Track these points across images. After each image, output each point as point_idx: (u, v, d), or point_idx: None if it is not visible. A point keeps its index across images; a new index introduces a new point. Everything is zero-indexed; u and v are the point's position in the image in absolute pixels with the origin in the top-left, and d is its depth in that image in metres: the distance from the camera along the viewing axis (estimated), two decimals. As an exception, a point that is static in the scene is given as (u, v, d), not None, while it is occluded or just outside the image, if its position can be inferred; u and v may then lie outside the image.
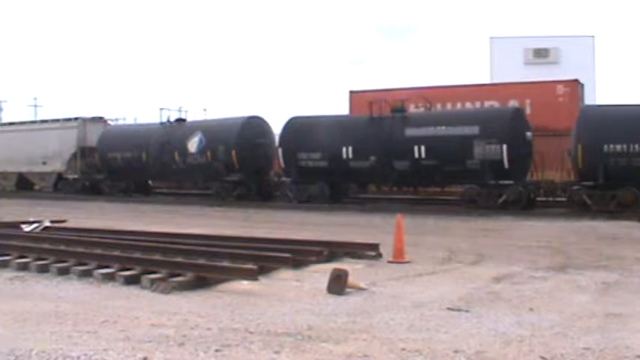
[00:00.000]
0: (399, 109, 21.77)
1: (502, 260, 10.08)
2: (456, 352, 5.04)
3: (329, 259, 9.72)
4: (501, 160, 19.42)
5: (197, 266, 8.36)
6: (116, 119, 32.25)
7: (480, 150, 19.64)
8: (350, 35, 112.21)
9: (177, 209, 22.30)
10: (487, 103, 22.18)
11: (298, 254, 9.42)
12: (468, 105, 23.78)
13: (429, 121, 21.24)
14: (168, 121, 27.06)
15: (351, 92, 27.27)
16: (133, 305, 6.93)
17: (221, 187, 24.81)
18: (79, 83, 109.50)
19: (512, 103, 22.87)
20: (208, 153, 24.87)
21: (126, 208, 22.52)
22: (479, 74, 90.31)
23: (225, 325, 5.91)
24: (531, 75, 39.58)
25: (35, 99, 67.44)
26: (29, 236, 11.91)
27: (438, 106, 23.93)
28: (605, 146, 18.11)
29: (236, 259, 8.94)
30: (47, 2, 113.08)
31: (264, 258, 9.02)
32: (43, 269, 9.07)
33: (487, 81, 41.85)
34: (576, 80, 23.76)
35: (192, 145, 25.33)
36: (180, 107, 28.04)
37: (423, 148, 20.50)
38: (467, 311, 6.50)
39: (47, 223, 13.72)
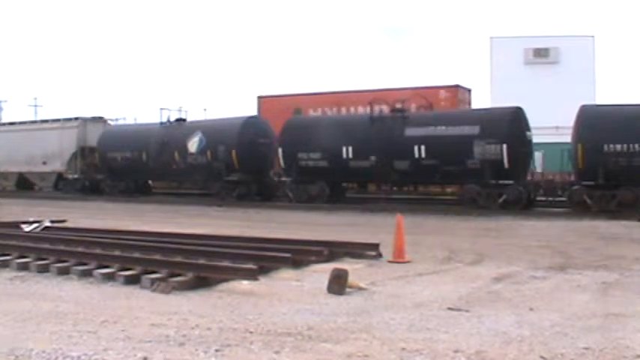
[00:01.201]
0: (400, 110, 21.79)
1: (502, 260, 10.08)
2: (456, 351, 5.04)
3: (329, 258, 9.71)
4: (501, 160, 19.43)
5: (197, 266, 8.35)
6: (116, 119, 32.31)
7: (480, 150, 19.64)
8: (351, 35, 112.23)
9: (177, 209, 22.30)
10: (377, 108, 23.73)
11: (298, 254, 9.41)
12: (360, 109, 25.37)
13: (429, 120, 21.25)
14: (169, 121, 27.06)
15: (259, 97, 29.38)
16: (133, 305, 6.93)
17: (221, 187, 24.81)
18: (79, 83, 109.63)
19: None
20: (208, 153, 24.86)
21: (126, 208, 22.52)
22: (479, 74, 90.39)
23: (225, 325, 5.91)
24: (532, 75, 39.70)
25: (35, 99, 67.64)
26: (29, 236, 11.90)
27: (335, 110, 26.68)
28: (605, 146, 18.13)
29: (236, 259, 8.94)
30: (47, 2, 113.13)
31: (264, 258, 9.01)
32: (43, 269, 9.06)
33: (487, 82, 42.21)
34: (457, 85, 25.66)
35: (193, 145, 25.32)
36: (180, 107, 28.07)
37: (423, 147, 20.51)
38: (467, 311, 6.50)
39: (47, 223, 13.72)
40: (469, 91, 26.84)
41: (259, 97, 29.50)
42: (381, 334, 5.61)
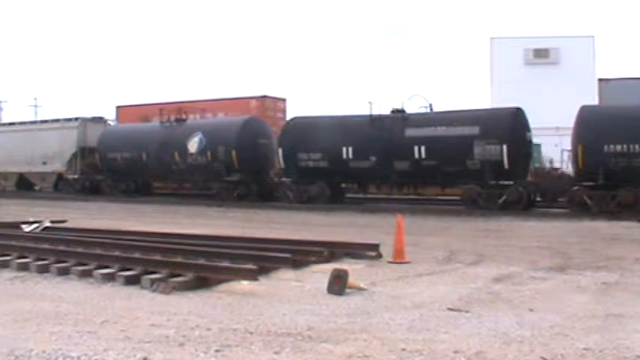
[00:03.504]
0: (400, 110, 21.80)
1: (502, 260, 10.08)
2: (456, 352, 5.04)
3: (329, 259, 9.71)
4: (501, 161, 19.44)
5: (197, 266, 8.35)
6: (116, 119, 32.33)
7: (480, 150, 19.65)
8: (349, 35, 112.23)
9: (177, 209, 22.29)
10: (208, 115, 27.65)
11: (298, 254, 9.41)
12: (191, 117, 28.56)
13: (430, 121, 21.24)
14: (169, 121, 27.06)
15: (117, 107, 34.13)
16: (133, 305, 6.93)
17: (221, 187, 24.80)
18: (79, 83, 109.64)
19: (220, 115, 28.86)
20: (208, 153, 24.85)
21: (126, 208, 22.52)
22: (479, 74, 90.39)
23: (225, 326, 5.91)
24: (532, 75, 39.71)
25: (35, 99, 67.80)
26: (29, 236, 11.90)
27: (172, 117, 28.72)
28: (606, 146, 18.13)
29: (236, 259, 8.93)
30: (47, 2, 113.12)
31: (264, 258, 9.01)
32: (43, 269, 9.05)
33: (487, 82, 42.29)
34: (265, 96, 29.64)
35: (193, 145, 25.31)
36: (181, 107, 28.05)
37: (423, 148, 20.51)
38: (467, 312, 6.49)
39: (47, 223, 13.71)
40: (283, 100, 30.33)
41: (117, 107, 34.21)
42: (381, 334, 5.61)
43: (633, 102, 19.40)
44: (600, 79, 24.22)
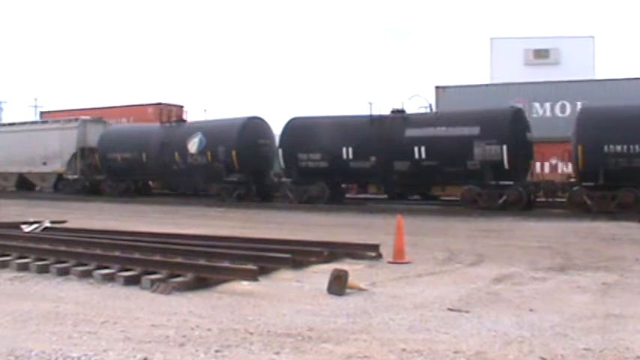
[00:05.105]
0: (400, 110, 21.81)
1: (502, 261, 10.08)
2: (456, 352, 5.03)
3: (329, 259, 9.70)
4: (501, 161, 19.44)
5: (197, 267, 8.34)
6: (116, 120, 32.37)
7: (480, 150, 19.65)
8: (350, 35, 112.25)
9: (177, 209, 22.29)
10: (123, 120, 30.43)
11: (298, 255, 9.40)
12: (113, 121, 31.76)
13: (430, 121, 21.25)
14: (169, 121, 27.05)
15: (42, 112, 37.72)
16: (133, 306, 6.92)
17: (221, 187, 24.80)
18: (79, 83, 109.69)
19: (124, 120, 31.66)
20: (208, 153, 24.85)
21: (126, 209, 22.52)
22: (479, 75, 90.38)
23: (225, 326, 5.91)
24: (532, 76, 39.74)
25: (35, 99, 67.80)
26: (29, 237, 11.89)
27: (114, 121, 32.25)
28: (606, 147, 18.13)
29: (236, 259, 8.93)
30: (47, 2, 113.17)
31: (264, 258, 9.00)
32: (43, 270, 9.04)
33: (487, 82, 42.25)
34: (160, 103, 31.34)
35: (193, 145, 25.32)
36: (181, 107, 28.07)
37: (423, 148, 20.52)
38: (467, 312, 6.49)
39: (47, 224, 13.70)
40: (181, 107, 31.71)
41: (41, 112, 37.93)
42: (381, 334, 5.61)
43: (468, 107, 20.25)
44: (437, 87, 24.81)
